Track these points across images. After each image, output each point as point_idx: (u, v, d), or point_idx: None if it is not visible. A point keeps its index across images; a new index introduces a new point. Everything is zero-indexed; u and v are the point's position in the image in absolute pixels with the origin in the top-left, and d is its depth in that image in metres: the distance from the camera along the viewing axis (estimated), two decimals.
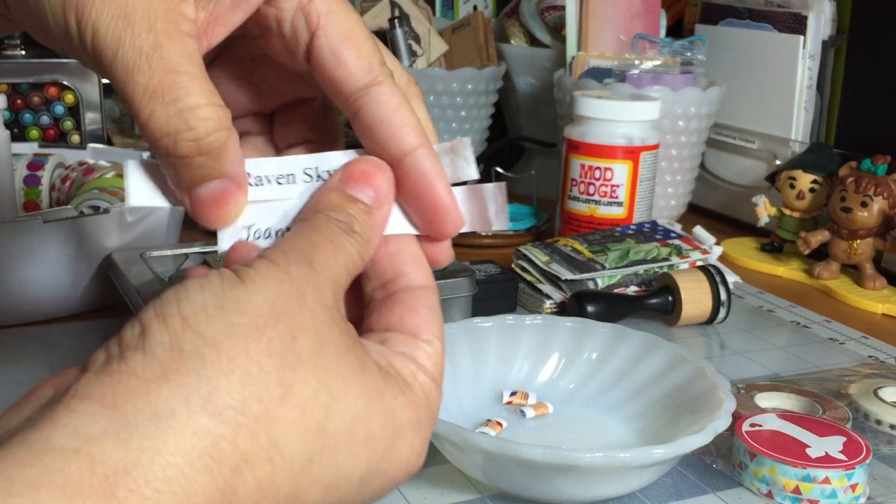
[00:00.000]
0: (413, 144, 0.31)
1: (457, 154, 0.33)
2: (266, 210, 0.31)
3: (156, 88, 0.27)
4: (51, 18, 0.28)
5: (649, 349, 0.47)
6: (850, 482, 0.39)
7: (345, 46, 0.30)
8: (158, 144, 0.28)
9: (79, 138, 0.85)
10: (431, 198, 0.31)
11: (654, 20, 0.85)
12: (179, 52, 0.27)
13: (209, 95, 0.28)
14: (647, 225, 0.70)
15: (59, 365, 0.52)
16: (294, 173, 0.31)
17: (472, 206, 0.33)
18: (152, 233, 0.63)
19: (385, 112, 0.30)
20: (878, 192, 0.66)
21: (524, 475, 0.37)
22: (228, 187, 0.29)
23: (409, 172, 0.31)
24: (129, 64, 0.27)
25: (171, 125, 0.27)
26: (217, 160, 0.28)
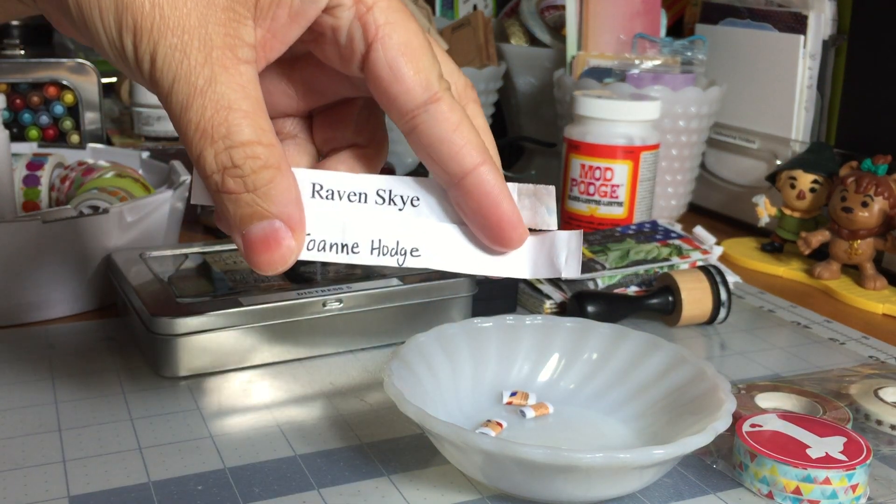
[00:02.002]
0: (474, 163, 0.30)
1: (539, 200, 0.32)
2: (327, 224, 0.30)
3: (206, 127, 0.27)
4: (104, 38, 0.27)
5: (650, 349, 0.47)
6: (850, 483, 0.39)
7: (402, 60, 0.29)
8: (208, 182, 0.28)
9: (78, 138, 0.85)
10: (496, 215, 0.31)
11: (654, 20, 0.85)
12: (234, 87, 0.27)
13: (259, 133, 0.27)
14: (647, 225, 0.70)
15: (59, 365, 0.52)
16: (367, 192, 0.31)
17: (542, 250, 0.33)
18: (152, 233, 0.63)
19: (444, 131, 0.30)
20: (878, 192, 0.66)
21: (524, 476, 0.37)
22: (279, 229, 0.28)
23: (472, 191, 0.31)
24: (183, 101, 0.27)
25: (219, 162, 0.27)
26: (265, 199, 0.28)
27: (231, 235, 0.29)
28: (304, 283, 0.56)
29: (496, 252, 0.33)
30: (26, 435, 0.44)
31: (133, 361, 0.53)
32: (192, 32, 0.27)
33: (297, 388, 0.50)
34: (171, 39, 0.27)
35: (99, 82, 0.85)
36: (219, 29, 0.27)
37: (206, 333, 0.50)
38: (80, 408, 0.47)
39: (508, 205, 0.31)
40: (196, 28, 0.27)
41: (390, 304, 0.55)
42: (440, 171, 0.31)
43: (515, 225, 0.32)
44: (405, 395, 0.39)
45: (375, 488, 0.40)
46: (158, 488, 0.40)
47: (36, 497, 0.39)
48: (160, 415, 0.47)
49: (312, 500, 0.39)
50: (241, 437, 0.45)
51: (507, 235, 0.32)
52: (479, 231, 0.32)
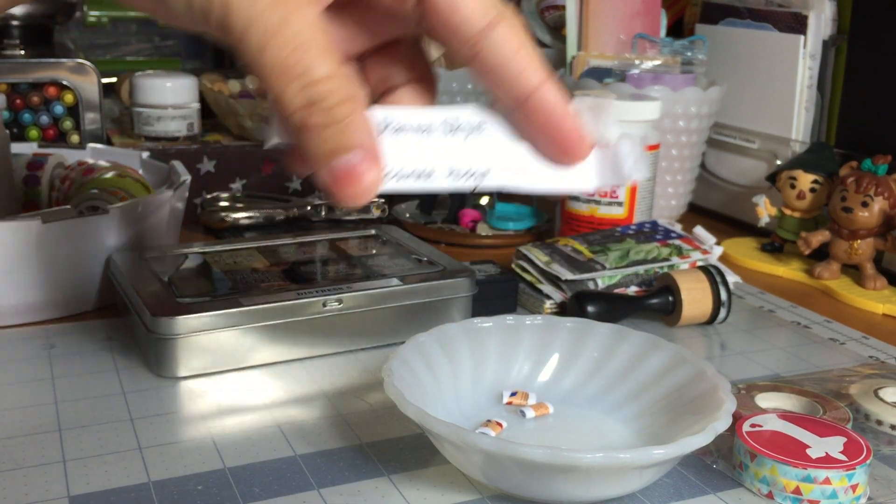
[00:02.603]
0: (539, 81, 0.31)
1: (599, 113, 0.33)
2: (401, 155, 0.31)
3: (285, 65, 0.28)
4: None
5: (650, 349, 0.47)
6: (850, 483, 0.39)
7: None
8: (291, 120, 0.29)
9: (78, 138, 0.85)
10: (561, 129, 0.32)
11: (654, 20, 0.85)
12: (305, 25, 0.28)
13: (335, 68, 0.28)
14: (647, 225, 0.70)
15: (59, 365, 0.52)
16: (433, 123, 0.32)
17: (606, 161, 0.33)
18: (152, 233, 0.63)
19: (508, 53, 0.31)
20: (878, 192, 0.66)
21: (524, 475, 0.37)
22: (362, 159, 0.29)
23: (538, 108, 0.31)
24: (259, 42, 0.28)
25: (300, 100, 0.28)
26: (346, 131, 0.28)
27: (316, 173, 0.30)
28: (304, 283, 0.56)
29: (562, 167, 0.33)
30: (26, 435, 0.44)
31: (133, 361, 0.53)
32: None
33: (297, 388, 0.50)
34: None
35: (99, 82, 0.85)
36: None
37: (206, 333, 0.50)
38: (80, 408, 0.47)
39: (573, 119, 0.32)
40: None
41: (390, 304, 0.55)
42: (505, 93, 0.32)
43: (580, 138, 0.32)
44: (405, 395, 0.39)
45: (375, 488, 0.40)
46: (158, 488, 0.40)
47: (36, 497, 0.39)
48: (160, 415, 0.47)
49: (312, 500, 0.39)
50: (241, 437, 0.45)
51: (574, 149, 0.32)
52: (545, 147, 0.33)
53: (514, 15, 0.32)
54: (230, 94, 0.91)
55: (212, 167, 0.83)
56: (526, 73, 0.31)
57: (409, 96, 0.34)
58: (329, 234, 0.67)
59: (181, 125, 0.85)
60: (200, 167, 0.82)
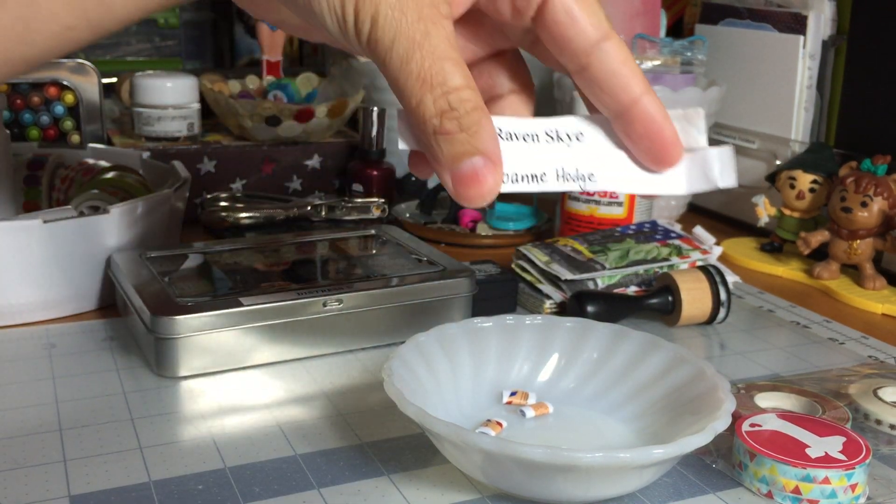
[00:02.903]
0: (641, 91, 0.34)
1: (689, 122, 0.37)
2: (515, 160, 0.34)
3: (426, 76, 0.30)
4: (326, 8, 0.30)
5: (649, 349, 0.47)
6: (849, 482, 0.39)
7: (577, 5, 0.33)
8: (426, 125, 0.31)
9: (78, 138, 0.85)
10: (660, 136, 0.35)
11: (654, 20, 0.85)
12: (443, 38, 0.30)
13: (468, 79, 0.31)
14: (647, 225, 0.70)
15: (59, 365, 0.52)
16: (538, 133, 0.35)
17: (695, 167, 0.36)
18: (153, 233, 0.63)
19: (616, 64, 0.33)
20: (878, 192, 0.66)
21: (524, 475, 0.37)
22: (486, 164, 0.31)
23: (639, 116, 0.34)
24: (404, 54, 0.30)
25: (437, 107, 0.30)
26: (475, 137, 0.31)
27: (439, 174, 0.32)
28: (305, 283, 0.56)
29: (656, 172, 0.36)
30: (27, 434, 0.44)
31: (133, 361, 0.53)
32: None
33: (298, 388, 0.50)
34: (390, 1, 0.30)
35: (99, 82, 0.85)
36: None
37: (206, 333, 0.50)
38: (80, 407, 0.47)
39: (670, 127, 0.35)
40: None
41: (390, 304, 0.55)
42: (610, 101, 0.34)
43: (676, 144, 0.35)
44: (405, 394, 0.39)
45: (375, 487, 0.40)
46: (159, 488, 0.40)
47: (37, 496, 0.39)
48: (161, 414, 0.47)
49: (313, 500, 0.39)
50: (242, 436, 0.45)
51: (670, 154, 0.35)
52: (643, 153, 0.36)
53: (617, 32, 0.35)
54: (230, 95, 0.91)
55: (212, 167, 0.83)
56: (631, 84, 0.34)
57: (514, 105, 0.37)
58: (329, 234, 0.67)
59: (181, 125, 0.85)
60: (201, 167, 0.82)
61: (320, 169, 0.87)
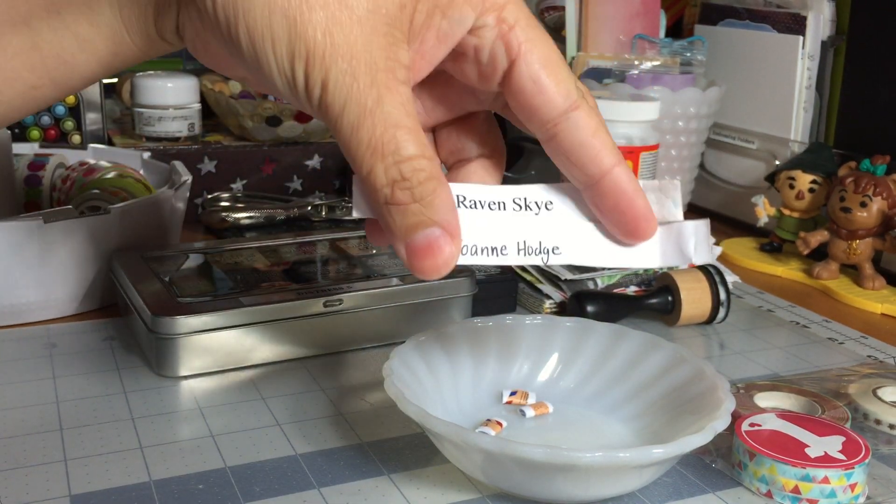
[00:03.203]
0: (611, 163, 0.33)
1: (665, 194, 0.35)
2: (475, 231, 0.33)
3: (377, 144, 0.29)
4: (275, 68, 0.29)
5: (649, 349, 0.47)
6: (849, 482, 0.39)
7: (545, 73, 0.31)
8: (377, 195, 0.30)
9: (80, 139, 0.85)
10: (632, 210, 0.33)
11: (653, 20, 0.85)
12: (397, 105, 0.29)
13: (422, 147, 0.29)
14: None
15: (60, 364, 0.52)
16: (504, 201, 0.34)
17: (670, 240, 0.35)
18: (153, 233, 0.63)
19: (584, 136, 0.32)
20: (877, 192, 0.66)
21: (524, 475, 0.37)
22: (441, 236, 0.30)
23: (610, 189, 0.33)
24: (355, 121, 0.29)
25: (389, 176, 0.29)
26: (429, 208, 0.30)
27: (394, 245, 0.31)
28: (305, 283, 0.56)
29: (628, 244, 0.35)
30: (28, 434, 0.44)
31: (134, 361, 0.53)
32: (359, 57, 0.28)
33: (298, 388, 0.50)
34: (341, 65, 0.28)
35: (100, 83, 0.85)
36: (381, 53, 0.29)
37: (207, 333, 0.50)
38: (81, 407, 0.47)
39: (642, 200, 0.34)
40: (362, 53, 0.28)
41: (390, 304, 0.55)
42: (579, 173, 0.33)
43: (648, 218, 0.34)
44: (405, 394, 0.39)
45: (376, 487, 0.40)
46: (159, 487, 0.40)
47: (37, 496, 0.39)
48: (161, 414, 0.47)
49: (313, 499, 0.39)
50: (242, 436, 0.45)
51: (642, 228, 0.34)
52: (614, 226, 0.34)
53: (591, 97, 0.33)
54: (231, 95, 0.91)
55: (213, 167, 0.83)
56: (601, 155, 0.33)
57: (481, 170, 0.36)
58: (329, 233, 0.67)
59: (182, 125, 0.85)
60: (201, 167, 0.82)
61: (321, 169, 0.87)
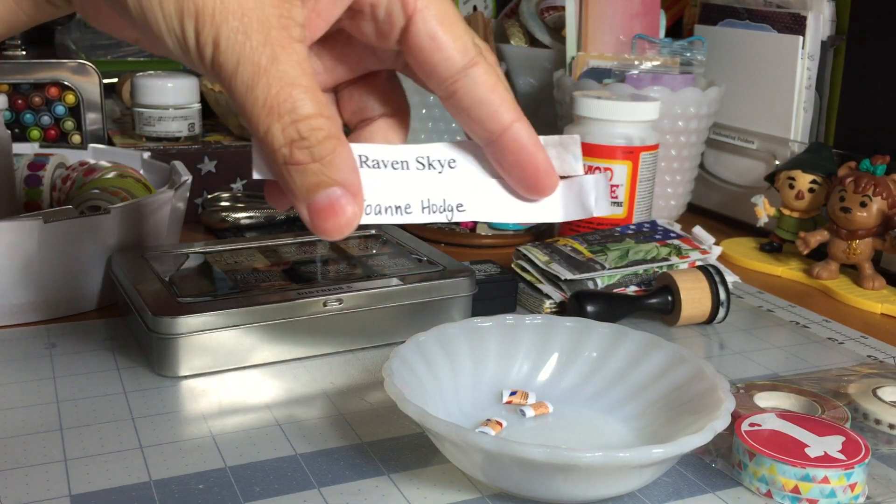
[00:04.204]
0: (511, 119, 0.33)
1: (566, 149, 0.35)
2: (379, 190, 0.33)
3: (273, 103, 0.28)
4: (164, 26, 0.28)
5: (649, 349, 0.47)
6: (849, 482, 0.39)
7: (441, 30, 0.31)
8: (276, 155, 0.29)
9: (80, 138, 0.85)
10: (532, 165, 0.34)
11: (653, 20, 0.85)
12: (293, 64, 0.29)
13: (320, 106, 0.29)
14: (646, 225, 0.70)
15: (60, 364, 0.52)
16: (407, 160, 0.34)
17: (571, 195, 0.35)
18: (153, 233, 0.63)
19: (483, 91, 0.32)
20: (877, 192, 0.66)
21: (524, 475, 0.37)
22: (342, 195, 0.30)
23: (510, 145, 0.33)
24: (249, 80, 0.28)
25: (286, 135, 0.29)
26: (329, 167, 0.29)
27: (295, 206, 0.30)
28: (305, 283, 0.56)
29: (531, 200, 0.35)
30: (28, 434, 0.44)
31: (134, 361, 0.53)
32: (250, 15, 0.28)
33: (298, 388, 0.50)
34: (232, 23, 0.28)
35: (100, 83, 0.86)
36: (273, 10, 0.28)
37: (207, 333, 0.50)
38: (81, 407, 0.47)
39: (543, 155, 0.34)
40: (254, 10, 0.28)
41: (390, 304, 0.55)
42: (479, 129, 0.33)
43: (549, 173, 0.34)
44: (405, 394, 0.39)
45: (376, 487, 0.41)
46: (159, 487, 0.40)
47: (37, 496, 0.39)
48: (161, 414, 0.47)
49: (313, 499, 0.39)
50: (242, 436, 0.45)
51: (543, 183, 0.34)
52: (515, 182, 0.34)
53: (490, 54, 0.33)
54: None
55: (213, 167, 0.83)
56: (500, 111, 0.33)
57: (384, 129, 0.35)
58: None
59: (182, 125, 0.85)
60: (201, 167, 0.82)
61: None
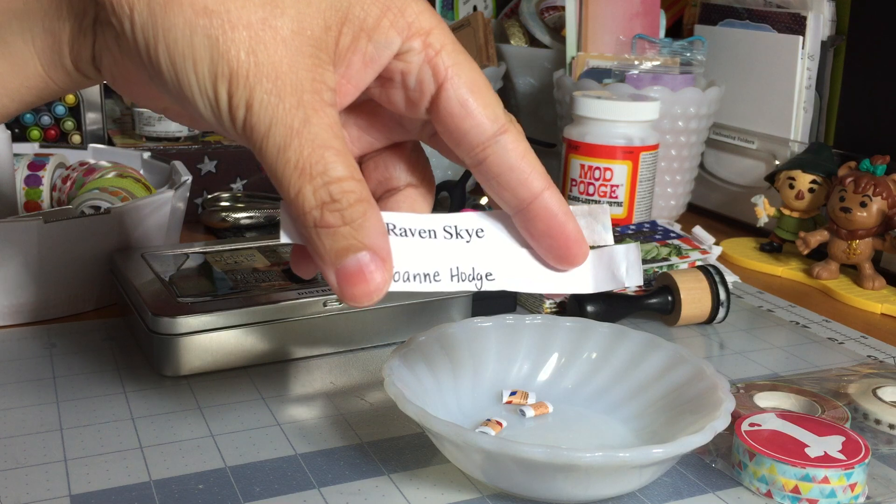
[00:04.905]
0: (541, 187, 0.33)
1: (595, 219, 0.35)
2: (408, 258, 0.32)
3: (305, 165, 0.28)
4: (197, 89, 0.28)
5: (649, 349, 0.47)
6: (849, 482, 0.39)
7: (472, 97, 0.31)
8: (306, 218, 0.29)
9: (80, 138, 0.85)
10: (563, 234, 0.33)
11: (653, 20, 0.85)
12: (325, 126, 0.28)
13: (351, 170, 0.29)
14: (646, 225, 0.70)
15: (60, 364, 0.52)
16: (435, 229, 0.34)
17: (602, 265, 0.35)
18: (153, 233, 0.63)
19: (514, 159, 0.32)
20: (876, 192, 0.66)
21: (524, 475, 0.37)
22: (373, 260, 0.29)
23: (540, 213, 0.33)
24: (281, 142, 0.28)
25: (318, 198, 0.28)
26: (360, 231, 0.29)
27: (323, 272, 0.30)
28: (305, 283, 0.56)
29: (560, 269, 0.35)
30: (28, 434, 0.44)
31: (134, 361, 0.53)
32: (284, 78, 0.28)
33: (298, 388, 0.50)
34: (266, 85, 0.27)
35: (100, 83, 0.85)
36: (306, 74, 0.28)
37: (207, 333, 0.50)
38: (81, 407, 0.47)
39: (573, 225, 0.33)
40: (287, 74, 0.28)
41: (390, 304, 0.56)
42: (510, 197, 0.33)
43: (580, 243, 0.34)
44: (405, 394, 0.39)
45: (376, 487, 0.41)
46: (159, 487, 0.40)
47: (37, 496, 0.39)
48: (161, 414, 0.47)
49: (313, 499, 0.39)
50: (242, 436, 0.45)
51: (573, 253, 0.34)
52: (545, 251, 0.34)
53: (517, 123, 0.33)
54: None
55: (213, 167, 0.83)
56: (531, 178, 0.32)
57: (410, 199, 0.35)
58: None
59: (182, 125, 0.85)
60: (201, 167, 0.82)
61: None
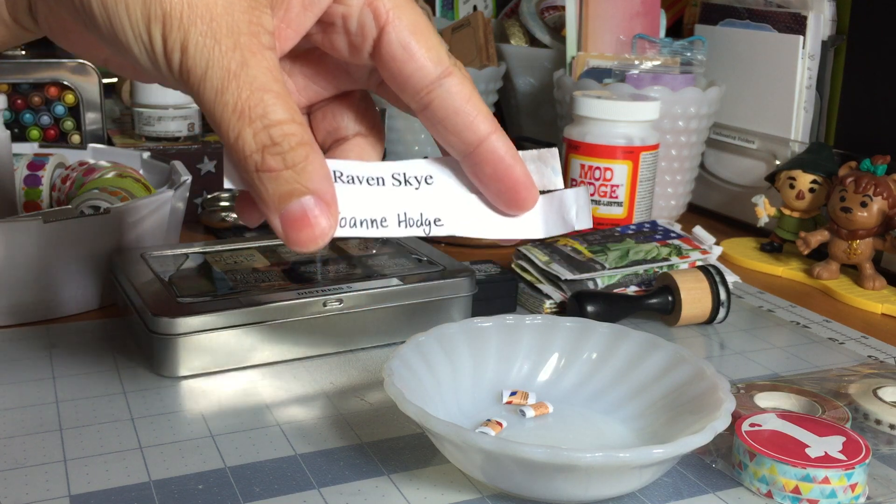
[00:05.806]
0: (488, 131, 0.32)
1: (544, 163, 0.35)
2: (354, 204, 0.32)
3: (244, 108, 0.28)
4: (130, 33, 0.28)
5: (649, 349, 0.47)
6: (849, 482, 0.39)
7: (414, 40, 0.31)
8: (247, 162, 0.28)
9: (79, 138, 0.85)
10: (511, 178, 0.33)
11: (653, 20, 0.85)
12: (263, 69, 0.28)
13: (292, 112, 0.28)
14: (646, 225, 0.70)
15: (60, 364, 0.52)
16: (383, 176, 0.33)
17: (552, 209, 0.35)
18: (153, 233, 0.63)
19: (459, 102, 0.32)
20: (877, 192, 0.66)
21: (524, 475, 0.37)
22: (317, 204, 0.29)
23: (487, 157, 0.33)
24: (218, 84, 0.28)
25: (258, 141, 0.28)
26: (302, 174, 0.29)
27: (267, 217, 0.30)
28: (305, 283, 0.56)
29: (510, 215, 0.34)
30: (27, 434, 0.44)
31: (134, 361, 0.53)
32: (219, 20, 0.28)
33: (298, 388, 0.50)
34: (200, 27, 0.27)
35: (100, 82, 0.86)
36: (243, 16, 0.28)
37: (206, 333, 0.50)
38: (80, 407, 0.47)
39: (521, 169, 0.33)
40: (223, 16, 0.28)
41: (390, 304, 0.55)
42: (456, 141, 0.32)
43: (528, 187, 0.33)
44: (405, 394, 0.39)
45: (375, 487, 0.40)
46: (159, 487, 0.40)
47: (37, 496, 0.39)
48: (161, 414, 0.47)
49: (313, 500, 0.39)
50: (242, 436, 0.45)
51: (522, 197, 0.33)
52: (494, 196, 0.34)
53: (462, 67, 0.33)
54: None
55: (212, 167, 0.83)
56: (477, 121, 0.32)
57: (358, 148, 0.35)
58: None
59: (182, 125, 0.85)
60: (201, 167, 0.82)
61: None
